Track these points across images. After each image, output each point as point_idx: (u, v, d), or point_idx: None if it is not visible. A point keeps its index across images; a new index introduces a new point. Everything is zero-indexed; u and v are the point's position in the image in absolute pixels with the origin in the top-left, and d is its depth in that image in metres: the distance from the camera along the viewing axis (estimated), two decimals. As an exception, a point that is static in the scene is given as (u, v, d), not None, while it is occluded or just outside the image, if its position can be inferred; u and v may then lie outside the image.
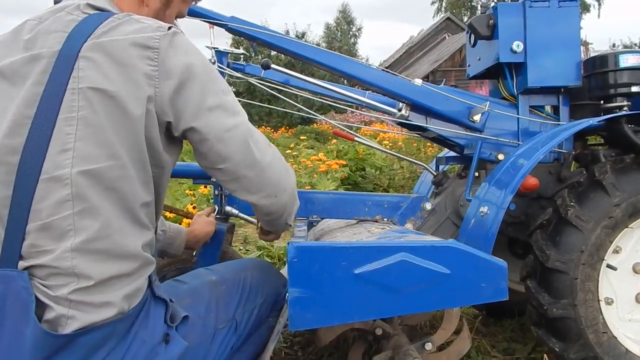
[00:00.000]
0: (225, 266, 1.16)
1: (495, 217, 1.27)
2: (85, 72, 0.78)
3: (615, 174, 1.30)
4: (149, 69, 0.80)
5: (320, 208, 1.72)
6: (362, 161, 5.45)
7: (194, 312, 0.95)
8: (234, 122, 0.88)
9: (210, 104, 0.85)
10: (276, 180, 0.94)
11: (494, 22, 1.62)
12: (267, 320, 1.13)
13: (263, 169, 0.91)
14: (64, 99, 0.78)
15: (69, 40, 0.80)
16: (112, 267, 0.79)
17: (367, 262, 0.98)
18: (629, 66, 1.52)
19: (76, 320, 0.75)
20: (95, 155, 0.77)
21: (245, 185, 0.92)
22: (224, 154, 0.87)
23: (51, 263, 0.76)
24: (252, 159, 0.89)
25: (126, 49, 0.80)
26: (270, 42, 1.59)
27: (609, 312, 1.30)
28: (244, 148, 0.88)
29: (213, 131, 0.86)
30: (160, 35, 0.82)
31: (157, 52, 0.81)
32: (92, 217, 0.77)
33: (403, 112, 1.66)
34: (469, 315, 1.98)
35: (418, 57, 25.05)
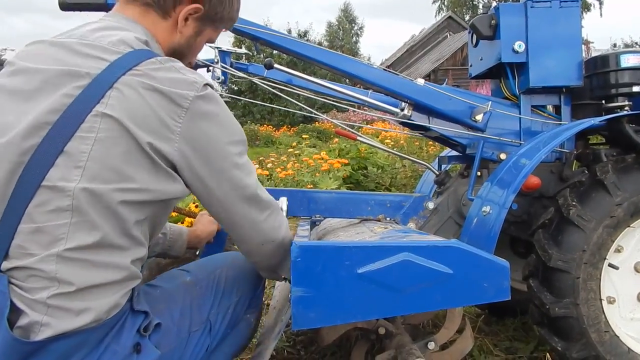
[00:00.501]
0: (200, 265, 1.14)
1: (498, 217, 1.28)
2: (113, 101, 0.81)
3: (617, 174, 1.31)
4: (172, 123, 0.83)
5: (323, 207, 1.73)
6: (364, 160, 5.46)
7: (168, 318, 0.95)
8: (244, 184, 0.92)
9: (225, 166, 0.90)
10: (267, 232, 0.99)
11: (495, 23, 1.63)
12: (245, 317, 1.12)
13: (260, 222, 0.97)
14: (86, 119, 0.80)
15: (109, 69, 0.83)
16: (96, 276, 0.79)
17: (370, 261, 0.99)
18: (630, 66, 1.52)
19: (50, 328, 0.75)
20: (102, 177, 0.79)
21: (239, 235, 0.98)
22: (227, 210, 0.93)
23: (33, 265, 0.77)
24: (252, 215, 0.95)
25: (157, 97, 0.82)
26: (273, 42, 1.60)
27: (611, 311, 1.31)
28: (247, 207, 0.94)
29: (221, 190, 0.90)
30: (193, 96, 0.84)
31: (185, 111, 0.84)
32: (86, 231, 0.78)
33: (406, 112, 1.67)
34: (471, 314, 1.99)
35: (420, 55, 25.02)
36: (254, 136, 14.14)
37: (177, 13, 0.95)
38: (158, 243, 1.32)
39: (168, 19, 0.96)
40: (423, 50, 25.19)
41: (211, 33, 1.04)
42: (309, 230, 1.68)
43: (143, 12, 0.94)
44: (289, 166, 5.29)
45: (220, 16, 1.01)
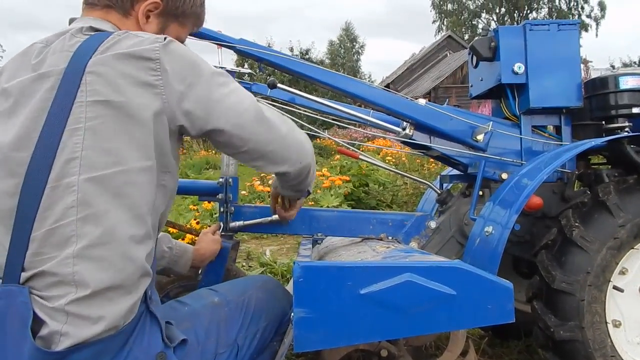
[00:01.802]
0: (230, 286, 1.14)
1: (501, 237, 1.27)
2: (92, 86, 0.82)
3: (619, 195, 1.31)
4: (152, 79, 0.84)
5: (325, 226, 1.72)
6: (366, 177, 5.46)
7: (193, 337, 0.94)
8: (244, 107, 0.92)
9: (218, 97, 0.89)
10: (297, 147, 1.00)
11: (495, 45, 1.65)
12: (270, 344, 1.10)
13: (283, 139, 0.97)
14: (71, 112, 0.81)
15: (74, 58, 0.84)
16: (111, 275, 0.79)
17: (373, 282, 0.98)
18: (629, 88, 1.53)
19: (69, 337, 0.75)
20: (101, 162, 0.80)
21: (271, 159, 0.97)
22: (244, 138, 0.92)
23: (52, 269, 0.77)
24: (271, 134, 0.95)
25: (129, 62, 0.83)
26: (276, 63, 1.62)
27: (617, 335, 1.29)
28: (260, 127, 0.93)
29: (228, 122, 0.90)
30: (159, 46, 0.85)
31: (158, 62, 0.84)
32: (94, 223, 0.78)
33: (407, 131, 1.67)
34: (475, 336, 1.96)
35: (420, 73, 25.26)
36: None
37: (136, 10, 0.97)
38: (164, 256, 1.31)
39: (129, 17, 0.98)
40: (423, 69, 25.44)
41: (178, 30, 1.04)
42: (311, 249, 1.67)
43: (105, 14, 0.97)
44: (290, 183, 5.28)
45: (181, 11, 1.02)
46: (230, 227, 1.62)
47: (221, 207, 1.63)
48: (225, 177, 1.62)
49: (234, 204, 1.62)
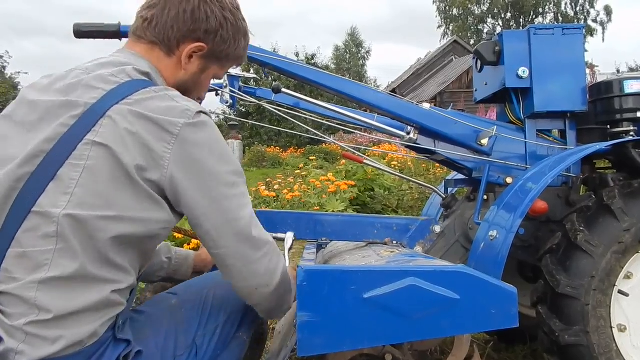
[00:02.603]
0: (187, 286, 1.14)
1: (505, 241, 1.27)
2: (105, 129, 0.83)
3: (624, 199, 1.30)
4: (162, 150, 0.84)
5: (330, 230, 1.73)
6: (371, 182, 5.46)
7: (152, 343, 0.94)
8: (234, 216, 0.90)
9: (215, 195, 0.88)
10: (262, 274, 0.94)
11: (499, 49, 1.65)
12: (236, 336, 1.09)
13: (253, 262, 0.93)
14: (77, 146, 0.82)
15: (104, 98, 0.86)
16: (74, 304, 0.80)
17: (377, 286, 0.98)
18: (633, 92, 1.53)
19: (24, 356, 0.76)
20: (88, 203, 0.81)
21: (233, 276, 0.94)
22: (215, 244, 0.90)
23: (14, 292, 0.78)
24: (244, 252, 0.92)
25: (147, 125, 0.84)
26: (281, 68, 1.63)
27: (622, 339, 1.28)
28: (238, 242, 0.90)
29: (207, 223, 0.88)
30: (183, 123, 0.86)
31: (175, 138, 0.85)
32: (70, 259, 0.80)
33: (412, 136, 1.68)
34: (480, 341, 1.96)
35: (426, 78, 25.24)
36: (262, 157, 14.22)
37: (181, 51, 0.98)
38: (163, 268, 1.32)
39: (172, 56, 0.99)
40: (429, 73, 25.42)
41: (217, 70, 1.06)
42: (315, 253, 1.68)
43: (149, 49, 0.98)
44: (295, 188, 5.30)
45: (225, 54, 1.03)
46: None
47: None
48: (230, 181, 1.62)
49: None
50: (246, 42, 1.08)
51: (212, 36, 0.99)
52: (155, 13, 0.97)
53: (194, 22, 0.97)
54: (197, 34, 0.98)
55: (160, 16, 0.96)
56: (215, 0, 0.99)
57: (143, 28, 0.98)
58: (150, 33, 0.97)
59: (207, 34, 0.98)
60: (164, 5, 0.97)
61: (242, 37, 1.05)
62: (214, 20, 0.98)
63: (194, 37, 0.98)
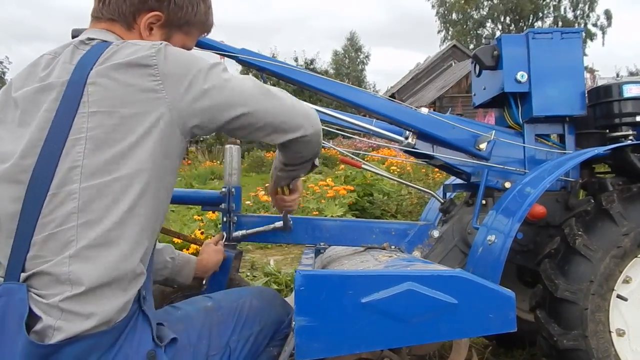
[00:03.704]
0: (224, 293, 1.16)
1: (503, 246, 1.27)
2: (94, 96, 0.84)
3: (623, 203, 1.30)
4: (153, 84, 0.85)
5: (328, 235, 1.72)
6: (370, 187, 5.46)
7: (185, 338, 0.95)
8: (248, 88, 0.94)
9: (222, 86, 0.91)
10: (306, 113, 1.02)
11: (498, 53, 1.65)
12: (267, 349, 1.11)
13: (293, 108, 1.00)
14: (74, 122, 0.83)
15: (76, 70, 0.87)
16: (105, 273, 0.81)
17: (374, 291, 0.98)
18: (632, 96, 1.53)
19: (62, 332, 0.77)
20: (101, 171, 0.82)
21: (286, 129, 0.99)
22: (258, 116, 0.95)
23: (49, 270, 0.79)
24: (279, 107, 0.97)
25: (128, 71, 0.85)
26: (279, 73, 1.63)
27: (621, 343, 1.28)
28: (269, 101, 0.96)
29: (241, 106, 0.92)
30: (155, 52, 0.87)
31: (157, 68, 0.86)
32: (94, 228, 0.81)
33: (410, 140, 1.68)
34: (478, 346, 1.95)
35: (425, 83, 25.32)
36: (261, 162, 14.20)
37: (139, 23, 0.99)
38: (166, 267, 1.32)
39: (133, 30, 0.99)
40: (428, 78, 25.50)
41: (183, 39, 1.05)
42: (314, 258, 1.68)
43: (110, 26, 0.99)
44: (294, 192, 5.29)
45: (185, 21, 1.03)
46: (234, 236, 1.63)
47: (224, 217, 1.64)
48: (228, 186, 1.62)
49: (236, 213, 1.63)
50: (206, 5, 1.07)
51: (165, 3, 0.99)
52: None
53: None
54: (150, 4, 0.98)
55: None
56: None
57: (99, 8, 0.99)
58: (106, 11, 0.98)
59: (160, 2, 0.99)
60: None
61: (201, 1, 1.05)
62: None
63: (148, 7, 0.98)
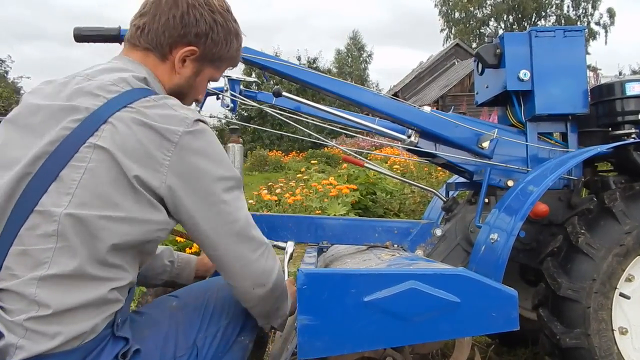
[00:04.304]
0: (189, 289, 1.15)
1: (506, 244, 1.27)
2: (106, 133, 0.86)
3: (625, 201, 1.30)
4: (161, 157, 0.87)
5: (331, 234, 1.73)
6: (373, 185, 5.46)
7: (152, 343, 0.96)
8: (232, 218, 0.93)
9: (213, 199, 0.91)
10: (256, 282, 0.98)
11: (500, 52, 1.65)
12: (238, 340, 1.10)
13: (250, 262, 0.96)
14: (79, 149, 0.85)
15: (106, 105, 0.88)
16: (73, 301, 0.81)
17: (377, 289, 0.98)
18: (635, 94, 1.53)
19: (23, 350, 0.77)
20: (90, 203, 0.83)
21: (228, 274, 0.97)
22: (212, 246, 0.94)
23: (15, 288, 0.80)
24: (242, 253, 0.95)
25: (148, 132, 0.87)
26: (282, 71, 1.64)
27: (624, 342, 1.28)
28: (236, 243, 0.94)
29: (205, 225, 0.91)
30: (182, 131, 0.88)
31: (174, 146, 0.87)
32: (70, 257, 0.82)
33: (412, 139, 1.68)
34: (481, 344, 1.95)
35: (428, 82, 25.26)
36: (263, 161, 14.23)
37: (174, 55, 1.01)
38: (165, 271, 1.32)
39: (166, 61, 1.01)
40: (431, 77, 25.44)
41: (212, 72, 1.08)
42: (316, 257, 1.68)
43: (144, 56, 1.01)
44: (297, 191, 5.31)
45: (218, 56, 1.05)
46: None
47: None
48: (231, 185, 1.63)
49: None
50: (238, 43, 1.09)
51: (202, 39, 1.01)
52: (146, 21, 1.00)
53: (183, 27, 0.99)
54: (188, 38, 1.00)
55: (151, 23, 0.99)
56: (204, 4, 1.01)
57: (136, 36, 1.01)
58: (144, 40, 1.00)
59: (198, 38, 1.00)
60: (155, 13, 0.99)
61: (234, 38, 1.07)
62: (204, 24, 1.00)
63: (185, 42, 1.00)
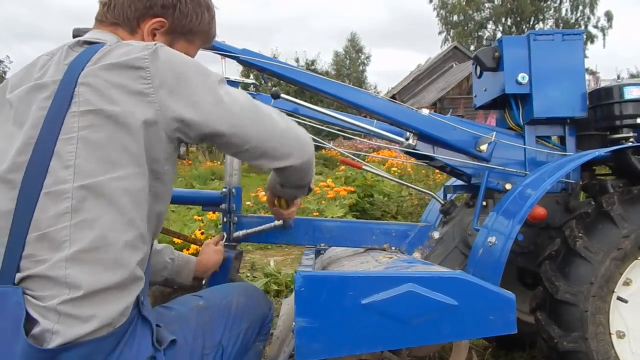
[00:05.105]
0: (212, 291, 1.17)
1: (504, 247, 1.27)
2: (84, 96, 0.84)
3: (623, 205, 1.30)
4: (143, 87, 0.85)
5: (328, 236, 1.72)
6: (371, 188, 5.46)
7: (182, 338, 0.96)
8: (239, 107, 0.92)
9: (212, 99, 0.89)
10: (297, 141, 0.99)
11: (499, 55, 1.65)
12: (254, 345, 1.12)
13: (283, 135, 0.96)
14: (64, 121, 0.83)
15: (69, 70, 0.87)
16: (103, 278, 0.80)
17: (374, 292, 0.98)
18: (633, 98, 1.53)
19: (60, 336, 0.76)
20: (94, 170, 0.82)
21: (273, 155, 0.96)
22: (244, 138, 0.92)
23: (45, 272, 0.78)
24: (270, 130, 0.94)
25: (119, 72, 0.85)
26: (280, 73, 1.63)
27: (621, 346, 1.28)
28: (259, 125, 0.93)
29: (225, 124, 0.90)
30: (148, 54, 0.86)
31: (148, 70, 0.85)
32: (88, 229, 0.80)
33: (410, 142, 1.68)
34: (479, 347, 1.95)
35: (426, 84, 25.33)
36: (261, 163, 14.20)
37: (142, 29, 0.99)
38: (166, 267, 1.33)
39: (136, 35, 0.99)
40: (429, 79, 25.51)
41: (186, 47, 1.05)
42: (314, 259, 1.68)
43: (113, 30, 0.99)
44: (295, 193, 5.29)
45: (188, 29, 1.03)
46: (234, 237, 1.63)
47: (224, 217, 1.64)
48: (228, 187, 1.63)
49: (237, 214, 1.63)
50: (210, 16, 1.07)
51: (170, 10, 0.99)
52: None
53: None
54: (155, 10, 0.98)
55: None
56: None
57: (103, 12, 0.99)
58: (111, 15, 0.98)
59: (165, 9, 0.99)
60: None
61: (205, 11, 1.05)
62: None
63: (152, 13, 0.98)
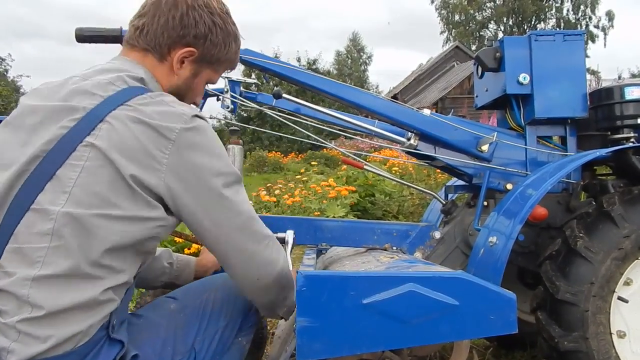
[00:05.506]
0: (187, 290, 1.14)
1: (505, 247, 1.27)
2: (103, 132, 0.86)
3: (624, 205, 1.30)
4: (159, 155, 0.86)
5: (330, 236, 1.73)
6: (372, 187, 5.46)
7: (149, 348, 0.95)
8: (234, 212, 0.92)
9: (215, 195, 0.90)
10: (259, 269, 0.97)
11: (500, 55, 1.66)
12: (236, 341, 1.10)
13: (254, 254, 0.95)
14: (76, 148, 0.85)
15: (103, 104, 0.88)
16: (67, 299, 0.80)
17: (376, 292, 0.99)
18: (634, 98, 1.53)
19: (14, 354, 0.76)
20: (86, 202, 0.83)
21: (233, 268, 0.96)
22: (213, 245, 0.93)
23: (8, 287, 0.79)
24: (245, 245, 0.94)
25: (145, 130, 0.86)
26: (281, 73, 1.64)
27: (622, 345, 1.28)
28: (239, 236, 0.93)
29: (211, 219, 0.91)
30: (179, 128, 0.88)
31: (173, 143, 0.87)
32: (63, 256, 0.81)
33: (412, 142, 1.68)
34: (479, 347, 1.95)
35: (427, 84, 25.30)
36: (262, 162, 14.22)
37: (172, 56, 1.01)
38: (165, 273, 1.32)
39: (165, 62, 1.01)
40: (431, 79, 25.48)
41: (210, 74, 1.08)
42: (315, 259, 1.68)
43: (142, 56, 1.01)
44: (296, 193, 5.31)
45: (216, 58, 1.05)
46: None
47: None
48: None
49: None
50: (237, 45, 1.09)
51: (201, 41, 1.01)
52: (145, 21, 1.00)
53: (182, 28, 0.99)
54: (187, 39, 1.00)
55: (150, 24, 0.99)
56: (204, 6, 1.01)
57: (135, 36, 1.01)
58: (142, 40, 1.00)
59: (197, 39, 1.01)
60: (154, 13, 0.99)
61: (233, 41, 1.07)
62: (203, 25, 1.00)
63: (184, 43, 1.00)
